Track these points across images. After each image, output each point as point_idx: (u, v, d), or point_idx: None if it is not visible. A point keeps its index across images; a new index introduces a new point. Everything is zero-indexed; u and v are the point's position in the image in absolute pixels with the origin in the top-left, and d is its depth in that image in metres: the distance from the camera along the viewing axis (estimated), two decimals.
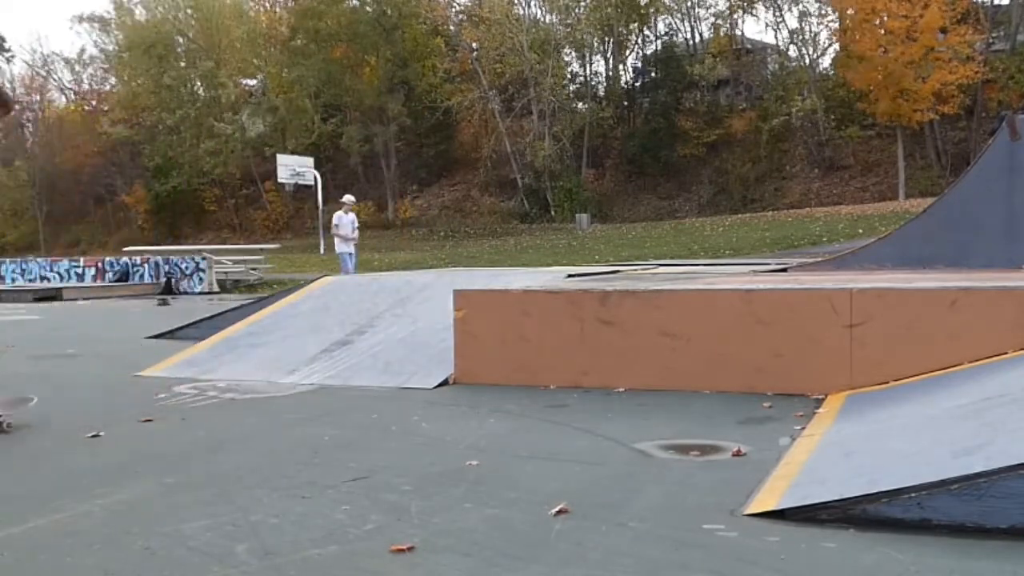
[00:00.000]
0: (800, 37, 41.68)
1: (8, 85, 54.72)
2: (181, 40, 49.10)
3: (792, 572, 2.49)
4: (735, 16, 45.60)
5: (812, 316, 5.03)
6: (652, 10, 44.73)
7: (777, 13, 42.57)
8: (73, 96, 58.33)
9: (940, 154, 36.70)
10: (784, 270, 8.70)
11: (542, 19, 45.46)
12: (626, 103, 45.59)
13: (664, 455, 3.83)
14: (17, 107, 56.42)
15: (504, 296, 6.03)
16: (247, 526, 2.99)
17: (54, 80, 58.75)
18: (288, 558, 2.68)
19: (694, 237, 27.53)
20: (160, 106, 46.08)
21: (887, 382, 4.73)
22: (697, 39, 46.32)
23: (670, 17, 46.23)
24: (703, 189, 41.32)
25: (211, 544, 2.82)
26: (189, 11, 48.29)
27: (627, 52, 46.91)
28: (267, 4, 53.00)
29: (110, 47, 54.46)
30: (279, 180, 36.65)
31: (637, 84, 46.02)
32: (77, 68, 57.63)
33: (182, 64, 47.73)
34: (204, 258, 22.70)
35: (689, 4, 45.36)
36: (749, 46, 45.55)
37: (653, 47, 46.52)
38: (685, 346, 5.29)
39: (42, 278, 24.88)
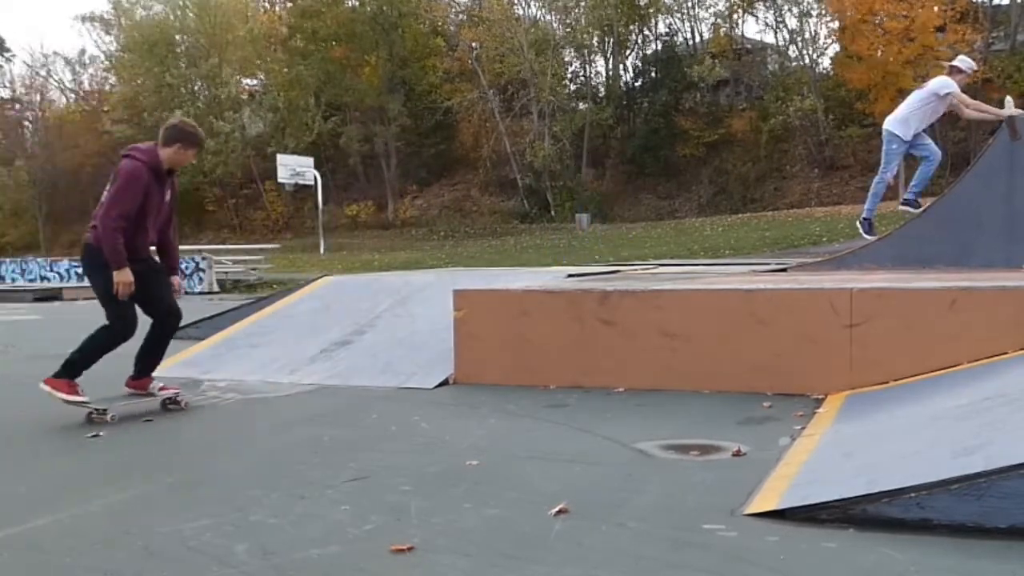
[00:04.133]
0: (800, 37, 41.70)
1: (8, 85, 54.80)
2: (181, 39, 49.07)
3: (792, 572, 2.49)
4: (735, 16, 45.60)
5: (812, 316, 5.03)
6: (652, 10, 44.73)
7: (777, 13, 42.57)
8: (73, 96, 58.36)
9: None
10: (784, 270, 8.70)
11: (542, 19, 45.48)
12: (626, 103, 45.57)
13: (664, 455, 3.83)
14: (18, 107, 56.46)
15: (504, 296, 6.03)
16: (247, 526, 2.99)
17: (54, 80, 58.79)
18: (288, 558, 2.68)
19: (694, 237, 27.52)
20: (161, 105, 46.05)
21: (887, 382, 4.73)
22: (697, 39, 46.32)
23: (670, 17, 46.25)
24: (703, 189, 41.30)
25: (211, 544, 2.82)
26: (191, 14, 48.23)
27: (627, 52, 46.91)
28: (267, 3, 53.01)
29: (111, 47, 54.58)
30: (279, 180, 36.64)
31: (637, 84, 46.01)
32: (77, 68, 57.71)
33: (182, 64, 47.69)
34: (204, 258, 22.70)
35: (689, 4, 45.38)
36: (749, 46, 45.53)
37: (653, 47, 46.53)
38: (685, 346, 5.29)
39: (42, 278, 24.89)
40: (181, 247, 5.90)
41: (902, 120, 8.60)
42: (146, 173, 4.85)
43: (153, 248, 5.25)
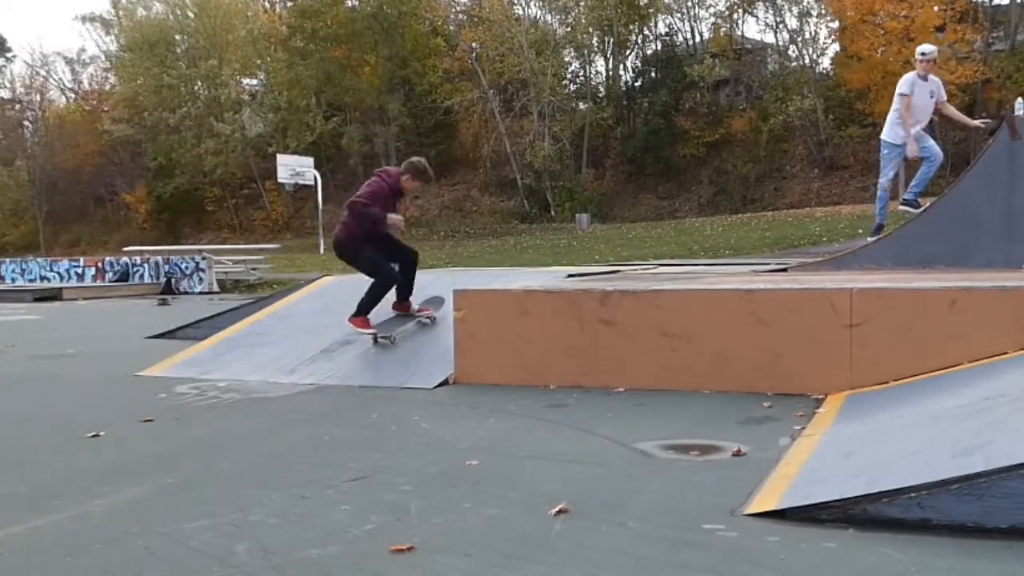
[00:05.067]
0: (800, 37, 41.70)
1: (8, 85, 54.83)
2: (181, 39, 49.08)
3: (792, 572, 2.49)
4: (735, 16, 45.62)
5: (812, 316, 5.03)
6: (652, 10, 44.75)
7: (777, 13, 42.57)
8: (73, 96, 58.38)
9: None
10: (784, 270, 8.70)
11: (542, 19, 45.49)
12: (626, 103, 45.58)
13: (664, 455, 3.83)
14: (18, 107, 56.52)
15: (504, 296, 6.03)
16: (247, 526, 2.99)
17: (54, 80, 58.82)
18: (288, 558, 2.68)
19: (694, 237, 27.50)
20: (161, 105, 46.09)
21: (887, 382, 4.73)
22: (697, 39, 46.33)
23: (670, 17, 46.27)
24: (703, 189, 41.30)
25: (211, 544, 2.82)
26: (191, 14, 48.22)
27: (627, 52, 46.92)
28: (267, 3, 53.02)
29: (111, 47, 54.63)
30: (279, 180, 36.65)
31: (637, 84, 46.02)
32: (77, 68, 57.76)
33: (182, 64, 47.71)
34: (204, 258, 22.70)
35: (689, 4, 45.39)
36: (749, 46, 45.53)
37: (653, 47, 46.55)
38: (685, 346, 5.29)
39: (42, 278, 24.89)
40: (180, 247, 6.33)
41: (887, 125, 8.92)
42: (387, 189, 6.53)
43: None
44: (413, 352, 6.42)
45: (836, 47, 39.89)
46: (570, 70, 47.31)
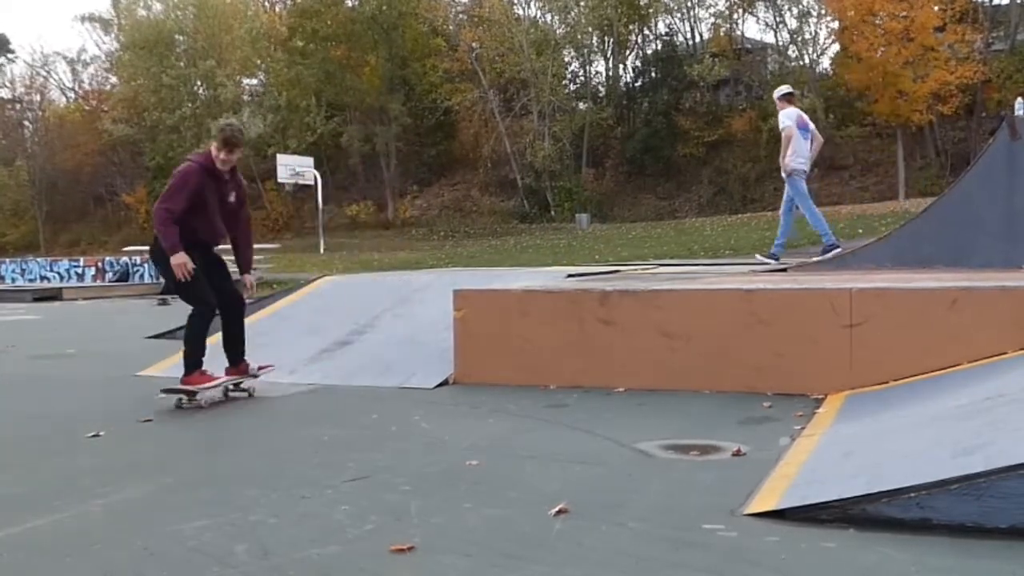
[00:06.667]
0: (800, 37, 41.70)
1: (9, 85, 54.82)
2: (181, 39, 49.08)
3: (792, 572, 2.49)
4: (735, 16, 45.64)
5: (812, 316, 5.03)
6: (652, 10, 44.76)
7: (777, 13, 42.57)
8: (73, 96, 58.38)
9: (940, 154, 36.71)
10: (784, 270, 8.70)
11: (541, 19, 45.51)
12: (626, 103, 45.60)
13: (664, 455, 3.83)
14: (18, 107, 56.52)
15: (504, 296, 6.03)
16: (247, 526, 2.99)
17: (54, 80, 58.82)
18: (288, 558, 2.68)
19: (694, 237, 27.50)
20: (160, 105, 46.07)
21: (887, 382, 4.73)
22: (697, 39, 46.35)
23: (670, 17, 46.29)
24: (703, 189, 41.31)
25: (211, 544, 2.82)
26: (191, 11, 48.21)
27: (627, 52, 46.94)
28: (267, 3, 53.03)
29: (111, 47, 54.63)
30: (279, 180, 36.64)
31: (637, 84, 46.04)
32: (78, 68, 57.78)
33: (182, 64, 47.69)
34: None
35: (689, 4, 45.39)
36: (749, 46, 45.54)
37: (653, 47, 46.57)
38: (685, 346, 5.29)
39: (42, 278, 24.90)
40: None
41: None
42: (194, 177, 5.25)
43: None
44: (413, 352, 6.41)
45: (836, 47, 39.94)
46: (570, 70, 47.35)
